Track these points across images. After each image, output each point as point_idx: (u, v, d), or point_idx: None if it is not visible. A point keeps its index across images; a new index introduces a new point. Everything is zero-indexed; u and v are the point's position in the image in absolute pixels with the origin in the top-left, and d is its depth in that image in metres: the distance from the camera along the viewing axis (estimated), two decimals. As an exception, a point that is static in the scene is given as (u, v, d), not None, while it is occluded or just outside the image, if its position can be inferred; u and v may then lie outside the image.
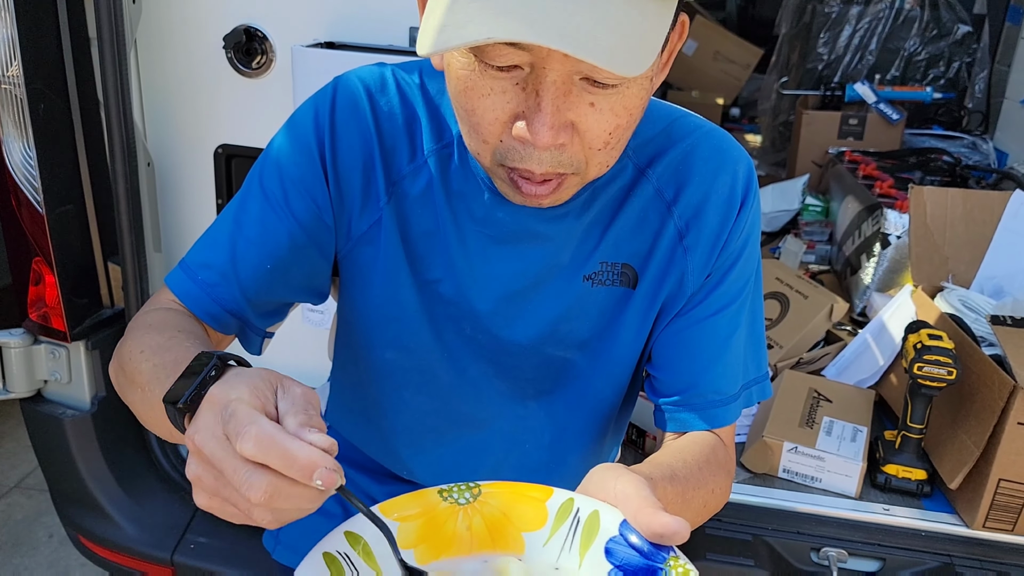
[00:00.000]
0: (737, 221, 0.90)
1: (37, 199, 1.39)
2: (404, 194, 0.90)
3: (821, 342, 2.00)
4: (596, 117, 0.71)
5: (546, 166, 0.73)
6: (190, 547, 1.54)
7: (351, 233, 0.91)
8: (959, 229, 1.82)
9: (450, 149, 0.89)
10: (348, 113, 0.87)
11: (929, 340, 1.46)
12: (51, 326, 1.50)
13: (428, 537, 0.68)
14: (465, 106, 0.73)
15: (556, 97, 0.68)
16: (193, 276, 0.89)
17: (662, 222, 0.90)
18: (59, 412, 1.53)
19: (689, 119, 0.93)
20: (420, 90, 0.90)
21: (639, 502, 0.63)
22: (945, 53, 3.32)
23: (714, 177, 0.89)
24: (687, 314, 0.93)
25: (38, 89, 1.35)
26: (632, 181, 0.90)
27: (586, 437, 1.03)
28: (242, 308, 0.89)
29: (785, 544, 1.45)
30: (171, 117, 1.53)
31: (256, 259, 0.88)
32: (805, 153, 3.10)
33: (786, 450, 1.55)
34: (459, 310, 0.93)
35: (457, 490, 0.70)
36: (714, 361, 0.93)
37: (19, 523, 2.50)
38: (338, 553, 0.63)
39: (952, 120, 3.30)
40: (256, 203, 0.88)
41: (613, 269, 0.91)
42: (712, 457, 0.90)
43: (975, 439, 1.44)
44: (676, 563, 0.61)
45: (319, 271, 0.93)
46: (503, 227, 0.89)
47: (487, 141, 0.74)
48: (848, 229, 2.42)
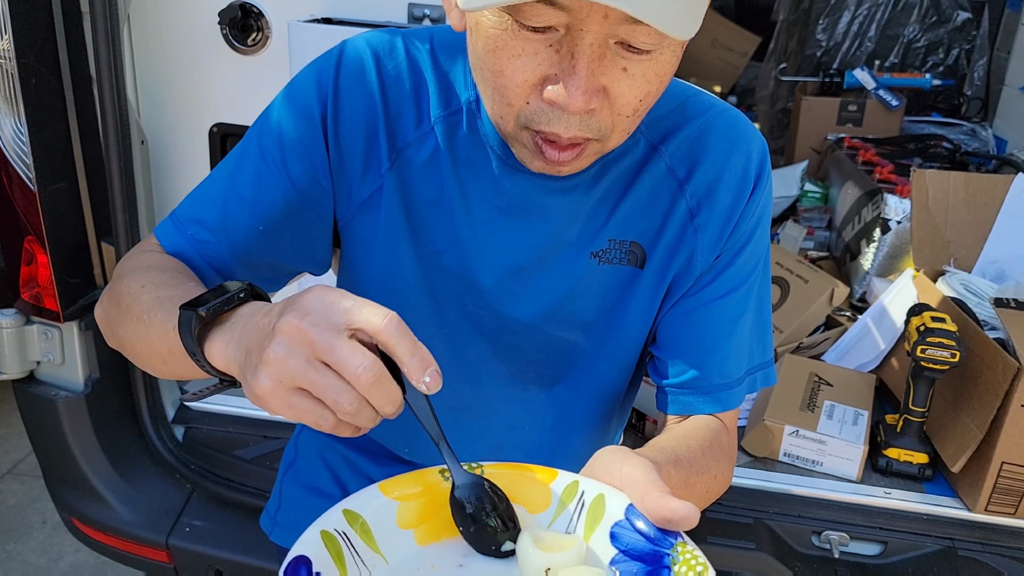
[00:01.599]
0: (750, 202, 0.88)
1: (29, 176, 1.36)
2: (408, 161, 0.87)
3: (821, 327, 1.99)
4: (628, 83, 0.70)
5: (574, 130, 0.71)
6: (185, 530, 1.53)
7: (352, 200, 0.88)
8: (961, 213, 1.81)
9: (458, 116, 0.86)
10: (353, 77, 0.85)
11: (932, 323, 1.45)
12: (44, 306, 1.47)
13: (429, 517, 0.67)
14: (493, 67, 0.70)
15: (591, 60, 0.67)
16: (183, 230, 0.87)
17: (673, 200, 0.88)
18: (52, 394, 1.51)
19: (704, 97, 0.91)
20: (430, 56, 0.87)
21: (646, 486, 0.61)
22: (944, 40, 3.31)
23: (728, 156, 0.88)
24: (695, 295, 0.91)
25: (29, 63, 1.32)
26: (644, 157, 0.88)
27: (591, 421, 1.02)
28: (230, 268, 0.87)
29: (786, 527, 1.44)
30: (165, 94, 1.50)
31: (248, 219, 0.86)
32: (804, 139, 3.08)
33: (787, 434, 1.54)
34: (461, 284, 0.91)
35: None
36: (720, 344, 0.91)
37: (12, 509, 2.49)
38: (336, 531, 0.61)
39: (951, 107, 3.29)
40: (252, 162, 0.86)
41: (621, 247, 0.89)
42: (715, 442, 0.88)
43: (978, 422, 1.43)
44: (684, 549, 0.59)
45: (315, 237, 0.90)
46: (511, 198, 0.86)
47: (512, 104, 0.72)
48: (847, 215, 2.41)
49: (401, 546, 0.65)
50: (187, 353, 0.67)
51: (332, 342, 0.58)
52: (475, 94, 0.85)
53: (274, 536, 1.16)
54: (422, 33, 0.89)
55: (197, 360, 0.66)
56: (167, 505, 1.56)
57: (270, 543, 1.16)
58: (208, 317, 0.66)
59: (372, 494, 0.65)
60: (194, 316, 0.65)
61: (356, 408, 0.58)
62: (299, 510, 1.14)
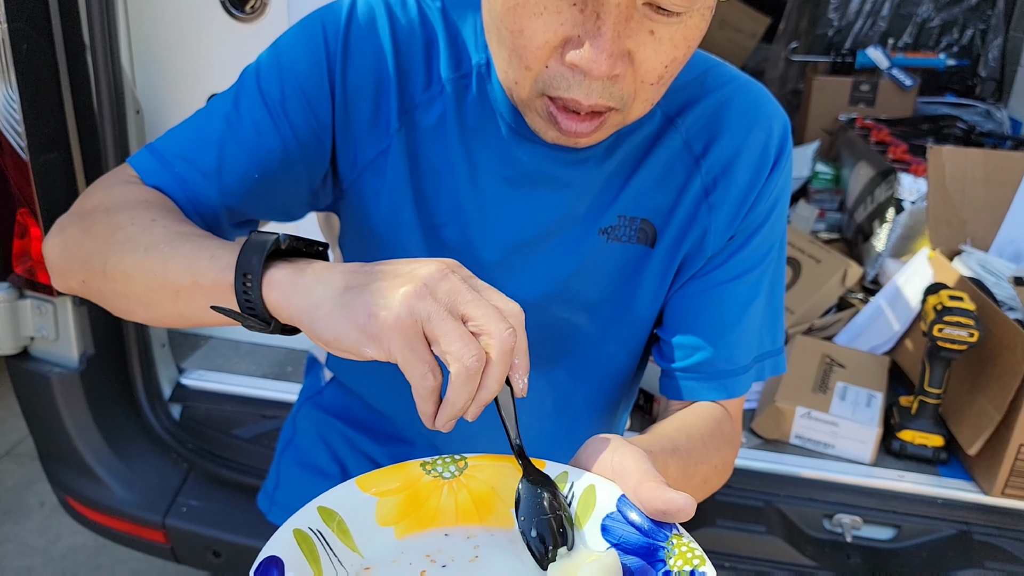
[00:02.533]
0: (768, 181, 0.84)
1: (21, 145, 1.32)
2: (416, 124, 0.83)
3: (833, 308, 1.94)
4: (655, 47, 0.66)
5: (595, 97, 0.67)
6: (182, 510, 1.50)
7: (357, 160, 0.84)
8: (978, 191, 1.76)
9: (468, 80, 0.82)
10: (365, 27, 0.80)
11: (950, 301, 1.41)
12: (37, 280, 1.44)
13: (410, 512, 0.63)
14: (512, 26, 0.66)
15: (618, 22, 0.63)
16: (170, 168, 0.80)
17: (688, 176, 0.84)
18: (46, 370, 1.48)
19: (725, 68, 0.87)
20: (441, 13, 0.83)
21: (639, 476, 0.58)
22: (959, 19, 3.25)
23: (747, 132, 0.83)
24: (705, 276, 0.87)
25: (21, 28, 1.28)
26: (659, 130, 0.84)
27: (598, 405, 0.98)
28: (217, 214, 0.82)
29: (797, 511, 1.41)
30: (161, 63, 1.47)
31: (245, 166, 0.80)
32: (815, 120, 3.03)
33: (799, 415, 1.50)
34: (462, 258, 0.84)
35: (442, 463, 0.65)
36: (729, 328, 0.87)
37: (10, 490, 2.47)
38: (310, 530, 0.57)
39: (965, 88, 3.23)
40: (252, 105, 0.80)
41: (631, 224, 0.85)
42: (718, 431, 0.84)
43: (996, 404, 1.39)
44: (680, 542, 0.55)
45: (301, 193, 0.85)
46: (519, 168, 0.82)
47: (530, 67, 0.68)
48: (860, 195, 2.36)
49: (380, 543, 0.61)
50: (234, 279, 0.63)
51: (474, 297, 0.58)
52: (486, 57, 0.81)
53: (271, 515, 1.13)
54: None
55: (247, 286, 0.63)
56: (163, 485, 1.53)
57: (268, 523, 1.13)
58: (285, 248, 0.64)
59: (349, 490, 0.62)
60: (273, 239, 0.63)
61: (476, 367, 0.56)
62: (297, 489, 1.11)
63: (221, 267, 0.65)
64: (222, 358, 1.73)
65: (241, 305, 0.64)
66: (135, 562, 2.18)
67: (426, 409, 0.59)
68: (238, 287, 0.63)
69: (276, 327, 0.65)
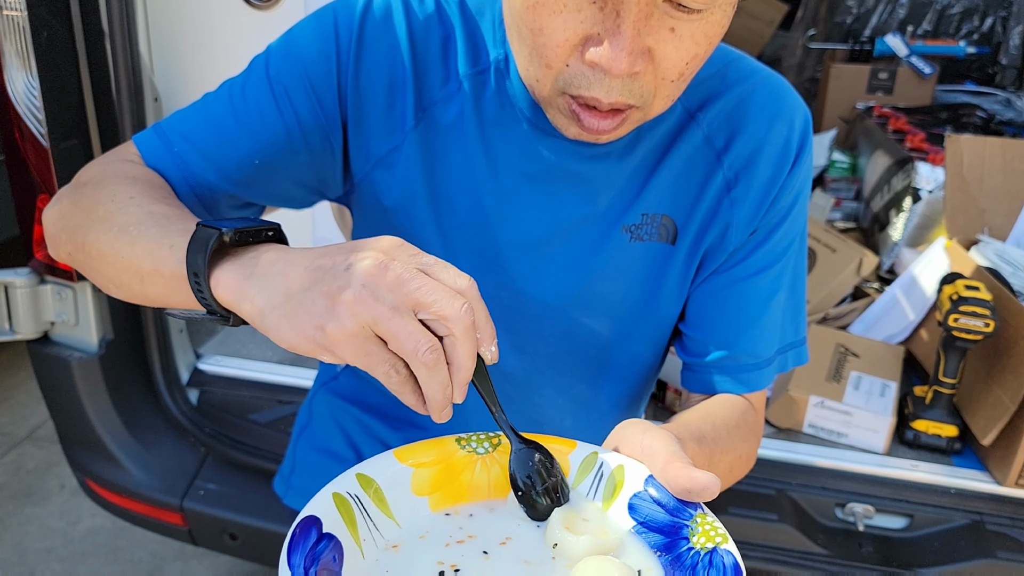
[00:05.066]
0: (790, 176, 0.84)
1: (41, 131, 1.34)
2: (434, 122, 0.82)
3: (848, 297, 1.94)
4: (675, 44, 0.65)
5: (615, 95, 0.67)
6: (199, 493, 1.52)
7: (369, 155, 0.84)
8: (997, 180, 1.75)
9: (486, 76, 0.81)
10: (381, 22, 0.80)
11: (966, 291, 1.41)
12: (57, 266, 1.46)
13: (444, 485, 0.65)
14: (531, 24, 0.66)
15: (638, 19, 0.62)
16: (169, 146, 0.81)
17: (709, 171, 0.84)
18: (66, 355, 1.50)
19: (746, 62, 0.86)
20: (459, 7, 0.83)
21: (667, 456, 0.59)
22: (980, 6, 3.22)
23: (769, 127, 0.83)
24: (727, 272, 0.87)
25: (41, 16, 1.29)
26: (680, 125, 0.84)
27: (619, 405, 0.98)
28: (213, 196, 0.82)
29: (809, 499, 1.41)
30: (179, 51, 1.47)
31: (246, 149, 0.80)
32: (832, 108, 3.01)
33: (812, 404, 1.50)
34: (483, 259, 0.86)
35: (476, 439, 0.67)
36: (752, 323, 0.87)
37: (31, 473, 2.50)
38: (348, 494, 0.59)
39: (985, 76, 3.20)
40: (258, 90, 0.80)
41: (653, 221, 0.85)
42: (742, 422, 0.85)
43: (1010, 394, 1.38)
44: (704, 520, 0.57)
45: (305, 180, 0.85)
46: (540, 163, 0.82)
47: (551, 66, 0.68)
48: (877, 184, 2.35)
49: (414, 512, 0.63)
50: (186, 275, 0.62)
51: (421, 283, 0.55)
52: (504, 52, 0.80)
53: (287, 499, 1.15)
54: None
55: (197, 285, 0.62)
56: (181, 468, 1.55)
57: (283, 506, 1.15)
58: (231, 241, 0.62)
59: (387, 460, 0.64)
60: (216, 235, 0.61)
61: (432, 359, 0.55)
62: (313, 473, 1.12)
63: (179, 259, 0.64)
64: (239, 344, 1.74)
65: (199, 301, 0.63)
66: (153, 544, 2.21)
67: (409, 400, 0.58)
68: (192, 285, 0.63)
69: (236, 321, 0.64)
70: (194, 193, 0.81)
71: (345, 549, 0.56)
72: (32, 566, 2.13)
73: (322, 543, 0.55)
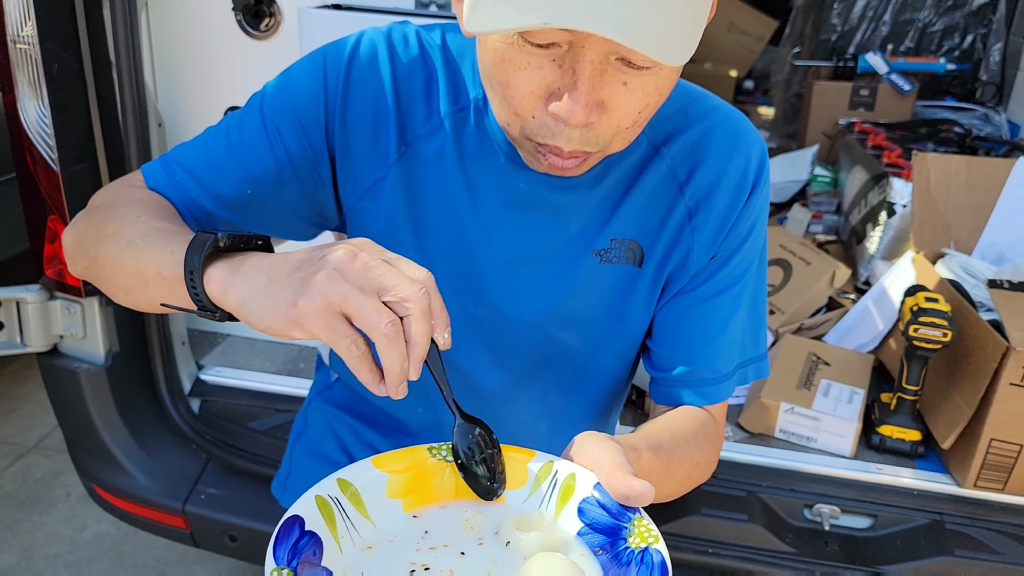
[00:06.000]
0: (747, 205, 0.91)
1: (52, 157, 1.42)
2: (417, 155, 0.90)
3: (823, 308, 2.02)
4: (627, 96, 0.72)
5: (574, 144, 0.74)
6: (201, 497, 1.60)
7: (356, 186, 0.91)
8: (962, 196, 1.83)
9: (466, 113, 0.89)
10: (365, 67, 0.87)
11: (925, 303, 1.48)
12: (66, 282, 1.54)
13: (416, 489, 0.73)
14: (500, 79, 0.73)
15: (592, 76, 0.69)
16: (171, 174, 0.88)
17: (673, 200, 0.91)
18: (74, 366, 1.58)
19: (707, 100, 0.93)
20: (441, 50, 0.90)
21: (611, 466, 0.67)
22: (960, 24, 3.29)
23: (728, 160, 0.90)
24: (690, 293, 0.94)
25: (52, 49, 1.38)
26: (646, 158, 0.91)
27: (591, 414, 1.05)
28: (212, 223, 0.90)
29: (779, 500, 1.48)
30: (182, 78, 1.56)
31: (238, 180, 0.88)
32: (816, 124, 3.09)
33: (783, 410, 1.58)
34: (463, 282, 0.93)
35: (446, 448, 0.74)
36: (712, 340, 0.94)
37: (38, 482, 2.57)
38: (329, 497, 0.68)
39: (966, 91, 3.28)
40: (252, 125, 0.88)
41: (621, 245, 0.92)
42: (701, 431, 0.92)
43: (968, 400, 1.46)
44: (640, 523, 0.65)
45: (300, 212, 0.93)
46: (516, 192, 0.89)
47: (518, 114, 0.74)
48: (855, 199, 2.43)
49: (388, 512, 0.71)
50: (183, 274, 0.70)
51: (385, 270, 0.63)
52: (482, 92, 0.87)
53: (284, 502, 1.21)
54: (434, 28, 0.91)
55: (192, 282, 0.70)
56: (184, 473, 1.63)
57: (281, 509, 1.21)
58: (224, 246, 0.70)
59: (365, 466, 0.72)
60: (211, 239, 0.69)
61: (393, 331, 0.62)
62: (308, 477, 1.17)
63: (177, 263, 0.71)
64: (239, 355, 1.82)
65: (191, 297, 0.71)
66: (156, 549, 2.27)
67: (364, 376, 0.65)
68: (187, 282, 0.70)
69: (222, 315, 0.71)
70: (193, 218, 0.89)
71: (325, 545, 0.65)
72: (40, 572, 2.19)
73: (304, 539, 0.63)
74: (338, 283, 0.63)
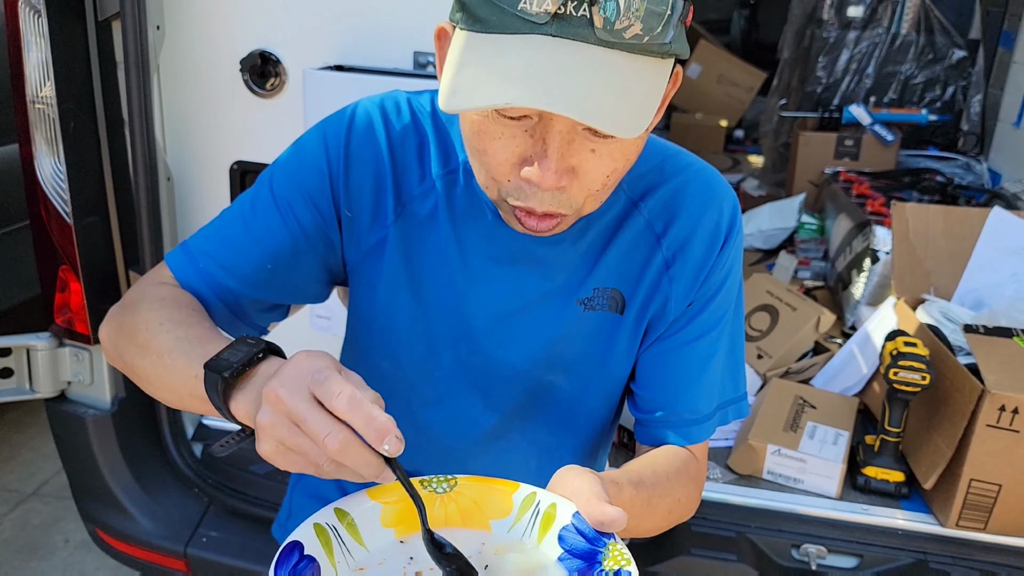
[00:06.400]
0: (720, 255, 0.97)
1: (66, 211, 1.49)
2: (412, 214, 0.96)
3: (810, 352, 2.07)
4: (596, 162, 0.77)
5: (547, 205, 0.79)
6: (202, 540, 1.63)
7: (360, 246, 0.97)
8: (940, 244, 1.90)
9: (456, 175, 0.95)
10: (363, 136, 0.94)
11: (904, 347, 1.54)
12: (75, 330, 1.59)
13: (406, 519, 0.78)
14: (477, 147, 0.79)
15: (561, 145, 0.75)
16: (195, 263, 0.94)
17: (651, 252, 0.97)
18: (81, 411, 1.63)
19: (682, 157, 1.00)
20: (431, 116, 0.97)
21: (588, 495, 0.73)
22: (941, 76, 3.40)
23: (701, 214, 0.96)
24: (669, 338, 1.00)
25: (69, 108, 1.45)
26: (625, 212, 0.96)
27: (579, 454, 1.10)
28: (239, 302, 0.95)
29: (767, 541, 1.52)
30: (190, 135, 1.62)
31: (258, 258, 0.94)
32: (802, 173, 3.18)
33: (770, 452, 1.62)
34: (456, 330, 0.99)
35: (436, 481, 0.80)
36: (691, 383, 0.99)
37: (36, 528, 2.58)
38: (327, 524, 0.73)
39: (948, 142, 3.37)
40: (265, 205, 0.95)
41: (604, 294, 0.98)
42: (682, 469, 0.97)
43: (947, 441, 1.50)
44: (614, 547, 0.71)
45: (317, 279, 0.99)
46: (504, 247, 0.95)
47: (495, 178, 0.80)
48: (840, 246, 2.50)
49: (381, 539, 0.76)
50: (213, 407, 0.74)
51: (304, 412, 0.64)
52: None
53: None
54: (425, 96, 0.99)
55: (224, 415, 0.74)
56: (185, 517, 1.66)
57: (281, 551, 1.25)
58: (232, 380, 0.72)
59: (361, 497, 0.78)
60: (220, 380, 0.71)
61: (334, 469, 0.65)
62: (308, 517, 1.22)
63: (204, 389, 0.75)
64: (240, 400, 1.86)
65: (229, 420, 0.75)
66: (155, 595, 2.28)
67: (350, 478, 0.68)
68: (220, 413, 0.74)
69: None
70: (222, 301, 0.95)
71: (322, 568, 0.70)
72: (39, 617, 2.21)
73: (303, 563, 0.69)
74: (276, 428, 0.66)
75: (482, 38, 0.72)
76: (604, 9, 0.68)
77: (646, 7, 0.69)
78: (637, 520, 0.85)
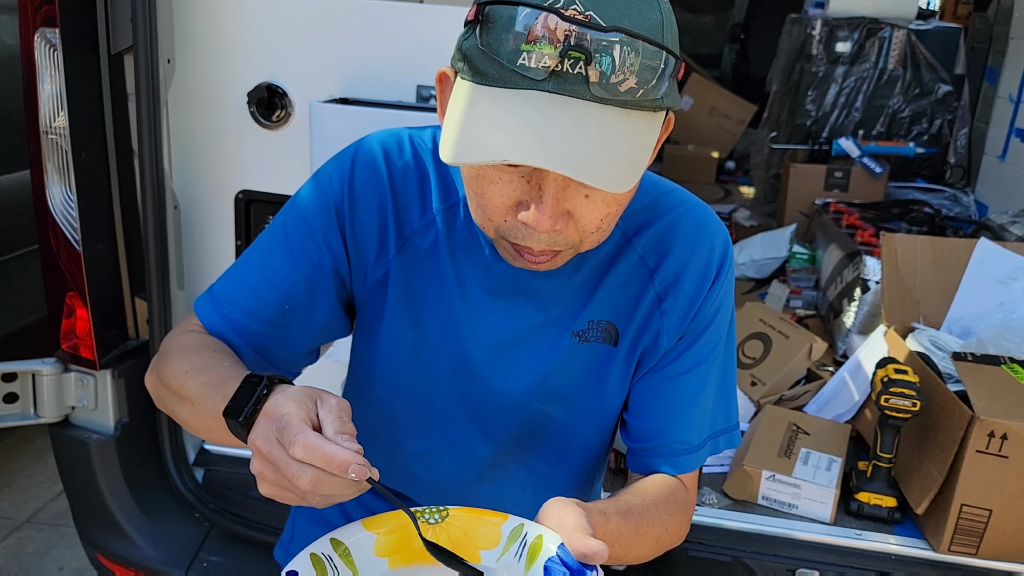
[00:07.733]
0: (711, 291, 1.00)
1: (75, 238, 1.51)
2: (414, 248, 1.00)
3: (803, 379, 2.10)
4: (590, 207, 0.81)
5: (544, 245, 0.83)
6: (203, 565, 1.64)
7: (367, 280, 1.01)
8: (928, 274, 1.94)
9: (456, 209, 0.99)
10: (366, 174, 0.98)
11: (895, 374, 1.57)
12: (81, 356, 1.61)
13: (401, 549, 0.81)
14: (476, 190, 0.83)
15: (556, 191, 0.78)
16: (220, 310, 1.00)
17: (643, 286, 1.00)
18: (85, 436, 1.64)
19: (675, 195, 1.03)
20: (432, 153, 1.01)
21: (573, 528, 0.76)
22: (927, 110, 3.48)
23: (693, 250, 0.99)
24: (661, 371, 1.03)
25: (81, 139, 1.49)
26: (619, 247, 1.00)
27: (574, 483, 1.13)
28: (264, 343, 1.00)
29: (763, 565, 1.54)
30: (197, 165, 1.66)
31: (277, 301, 0.98)
32: (793, 204, 3.24)
33: (764, 478, 1.65)
34: (456, 360, 1.02)
35: (428, 512, 0.83)
36: (682, 415, 1.02)
37: (30, 556, 2.57)
38: (323, 554, 0.77)
39: (935, 174, 3.44)
40: (280, 250, 0.99)
41: (598, 327, 1.01)
42: (671, 498, 0.99)
43: (938, 467, 1.53)
44: None
45: (337, 311, 1.03)
46: (501, 280, 0.98)
47: (492, 219, 0.84)
48: (831, 275, 2.55)
49: (375, 569, 0.79)
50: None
51: (276, 457, 0.71)
52: None
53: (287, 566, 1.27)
54: (426, 133, 1.03)
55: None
56: (187, 541, 1.67)
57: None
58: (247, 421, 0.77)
59: (356, 528, 0.81)
60: (237, 425, 0.77)
61: (321, 500, 0.71)
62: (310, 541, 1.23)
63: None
64: (241, 426, 1.88)
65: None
66: (151, 622, 2.28)
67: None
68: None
69: None
70: (248, 344, 0.99)
71: None
72: (33, 645, 2.20)
73: None
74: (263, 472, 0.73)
75: (483, 91, 0.76)
76: (600, 64, 0.72)
77: (640, 62, 0.73)
78: (625, 548, 0.88)
